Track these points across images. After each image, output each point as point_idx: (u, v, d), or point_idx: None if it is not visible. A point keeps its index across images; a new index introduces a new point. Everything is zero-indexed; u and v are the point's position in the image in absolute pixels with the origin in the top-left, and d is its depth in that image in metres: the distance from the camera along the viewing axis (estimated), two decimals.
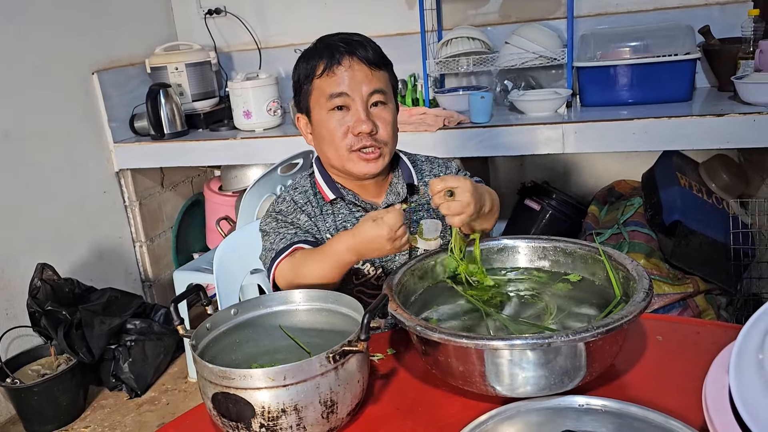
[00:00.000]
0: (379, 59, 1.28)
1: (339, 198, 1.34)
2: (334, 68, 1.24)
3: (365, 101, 1.26)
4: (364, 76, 1.25)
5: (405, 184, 1.36)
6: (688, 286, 2.19)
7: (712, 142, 2.17)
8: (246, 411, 0.86)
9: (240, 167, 3.03)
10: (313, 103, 1.29)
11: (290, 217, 1.33)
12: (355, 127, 1.25)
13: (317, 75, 1.26)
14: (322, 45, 1.29)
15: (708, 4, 2.60)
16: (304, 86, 1.30)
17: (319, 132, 1.30)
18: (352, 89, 1.25)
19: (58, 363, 2.49)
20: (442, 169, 1.44)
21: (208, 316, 1.05)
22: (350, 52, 1.25)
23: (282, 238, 1.29)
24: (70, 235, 2.76)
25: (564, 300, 1.09)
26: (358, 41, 1.28)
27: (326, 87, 1.25)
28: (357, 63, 1.25)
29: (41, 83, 2.63)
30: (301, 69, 1.31)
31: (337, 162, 1.30)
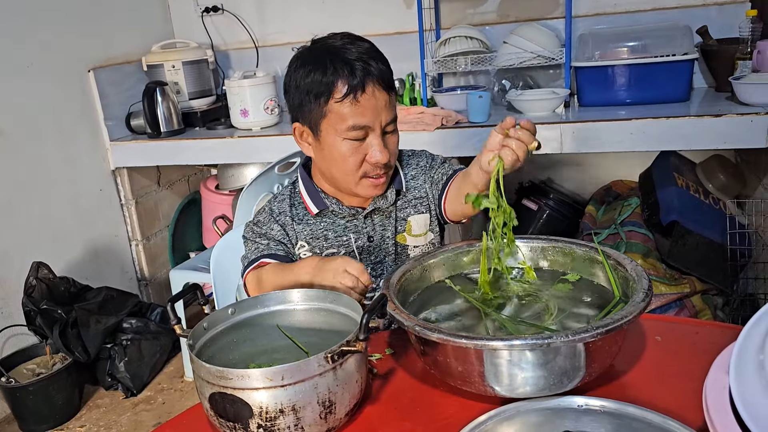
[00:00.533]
0: (391, 77, 1.24)
1: (322, 210, 1.33)
2: (358, 95, 1.17)
3: (382, 130, 1.23)
4: (384, 103, 1.21)
5: (395, 191, 1.35)
6: (685, 286, 2.20)
7: (709, 142, 2.17)
8: (243, 411, 0.86)
9: (237, 166, 3.02)
10: (325, 125, 1.22)
11: (264, 228, 1.34)
12: (371, 157, 1.22)
13: (336, 98, 1.18)
14: (336, 57, 1.19)
15: (706, 4, 2.61)
16: (314, 103, 1.21)
17: (329, 153, 1.25)
18: (373, 120, 1.20)
19: (54, 362, 2.48)
20: (429, 160, 1.42)
21: (205, 315, 1.04)
22: (370, 73, 1.18)
23: (255, 248, 1.33)
24: (66, 234, 2.75)
25: (563, 300, 1.09)
26: (373, 56, 1.21)
27: (348, 115, 1.19)
28: (378, 89, 1.19)
29: (37, 80, 2.62)
30: (311, 82, 1.20)
31: (344, 184, 1.28)
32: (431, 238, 1.40)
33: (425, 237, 1.39)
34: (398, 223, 1.37)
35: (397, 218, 1.37)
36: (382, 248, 1.37)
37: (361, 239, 1.35)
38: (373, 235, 1.36)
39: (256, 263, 1.30)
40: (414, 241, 1.38)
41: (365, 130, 1.21)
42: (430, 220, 1.39)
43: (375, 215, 1.35)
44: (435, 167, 1.40)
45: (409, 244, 1.38)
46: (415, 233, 1.38)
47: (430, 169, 1.40)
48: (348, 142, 1.22)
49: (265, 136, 2.75)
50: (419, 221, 1.38)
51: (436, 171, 1.39)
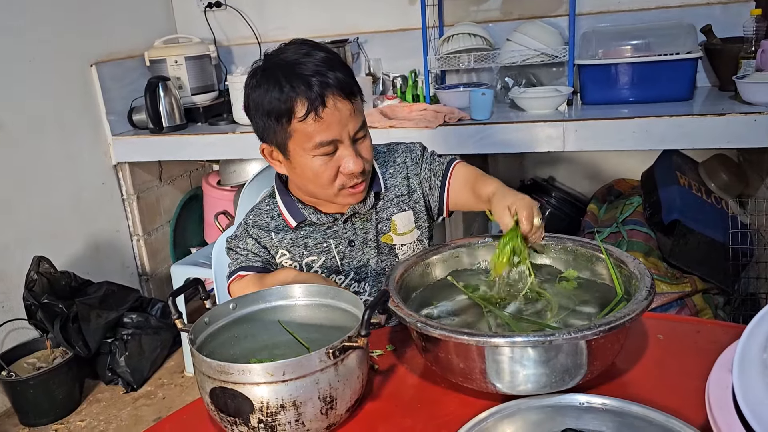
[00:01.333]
0: (353, 83, 1.18)
1: (300, 223, 1.32)
2: (319, 111, 1.13)
3: (352, 139, 1.19)
4: (349, 113, 1.16)
5: (373, 193, 1.32)
6: (686, 285, 2.19)
7: (712, 141, 2.16)
8: (244, 406, 0.86)
9: (239, 162, 3.02)
10: (292, 145, 1.19)
11: (240, 243, 1.36)
12: (346, 168, 1.19)
13: (298, 117, 1.14)
14: (291, 74, 1.13)
15: (710, 3, 2.60)
16: (277, 125, 1.17)
17: (301, 171, 1.22)
18: (340, 133, 1.16)
19: (54, 356, 2.48)
20: (406, 154, 1.38)
21: (206, 310, 1.04)
22: (328, 85, 1.13)
23: (234, 260, 1.36)
24: (67, 228, 2.75)
25: (565, 298, 1.09)
26: (330, 66, 1.15)
27: (314, 133, 1.15)
28: (339, 100, 1.14)
29: (39, 75, 2.61)
30: (270, 102, 1.15)
31: (324, 197, 1.27)
32: (418, 235, 1.38)
33: (411, 234, 1.37)
34: (381, 224, 1.35)
35: (379, 220, 1.34)
36: (364, 252, 1.35)
37: (342, 244, 1.34)
38: (354, 239, 1.34)
39: (234, 275, 1.34)
40: (401, 239, 1.36)
41: (334, 144, 1.17)
42: (415, 216, 1.36)
43: (355, 219, 1.33)
44: (418, 162, 1.37)
45: (396, 243, 1.36)
46: (400, 231, 1.36)
47: (413, 164, 1.37)
48: (318, 158, 1.18)
49: None
50: (403, 219, 1.35)
51: (421, 167, 1.36)
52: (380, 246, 1.36)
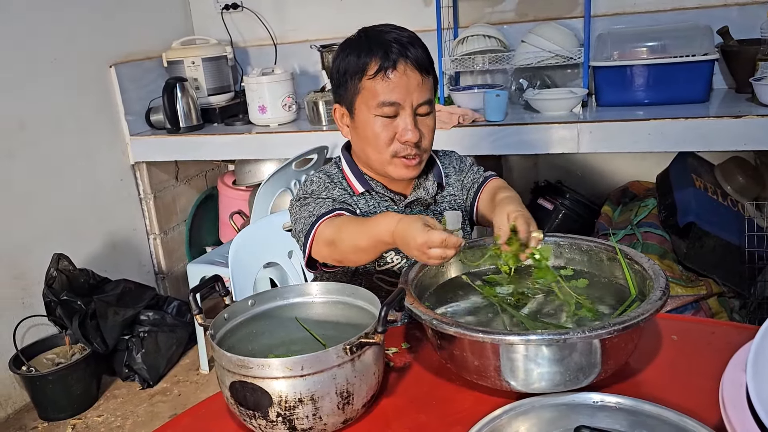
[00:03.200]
0: (428, 62, 1.26)
1: (368, 191, 1.34)
2: (389, 72, 1.21)
3: (414, 109, 1.24)
4: (417, 84, 1.23)
5: (435, 182, 1.37)
6: (701, 288, 2.18)
7: (728, 143, 2.15)
8: (263, 400, 0.87)
9: (254, 162, 3.04)
10: (359, 102, 1.26)
11: (324, 193, 1.30)
12: (402, 135, 1.24)
13: (369, 75, 1.22)
14: (374, 39, 1.24)
15: (727, 4, 2.58)
16: (350, 82, 1.25)
17: (363, 131, 1.27)
18: (404, 98, 1.22)
19: (73, 352, 2.52)
20: (459, 161, 1.46)
21: (222, 308, 1.06)
22: (404, 54, 1.21)
23: (322, 205, 1.25)
24: (85, 226, 2.79)
25: (580, 298, 1.09)
26: (410, 41, 1.24)
27: (379, 92, 1.22)
28: (411, 69, 1.22)
29: (59, 75, 2.66)
30: (349, 62, 1.25)
31: (377, 164, 1.29)
32: (462, 236, 1.40)
33: (458, 233, 1.39)
34: (435, 216, 1.38)
35: (434, 211, 1.38)
36: None
37: None
38: None
39: (332, 214, 1.21)
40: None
41: (395, 108, 1.23)
42: (463, 217, 1.40)
43: (415, 206, 1.37)
44: (465, 170, 1.44)
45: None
46: (449, 228, 1.37)
47: (460, 171, 1.44)
48: (379, 119, 1.24)
49: (283, 133, 2.77)
50: (454, 217, 1.37)
51: (466, 175, 1.43)
52: None
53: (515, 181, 3.19)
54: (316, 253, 1.22)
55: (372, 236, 1.10)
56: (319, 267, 1.29)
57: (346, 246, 1.15)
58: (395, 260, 1.34)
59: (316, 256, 1.23)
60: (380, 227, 1.09)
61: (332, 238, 1.17)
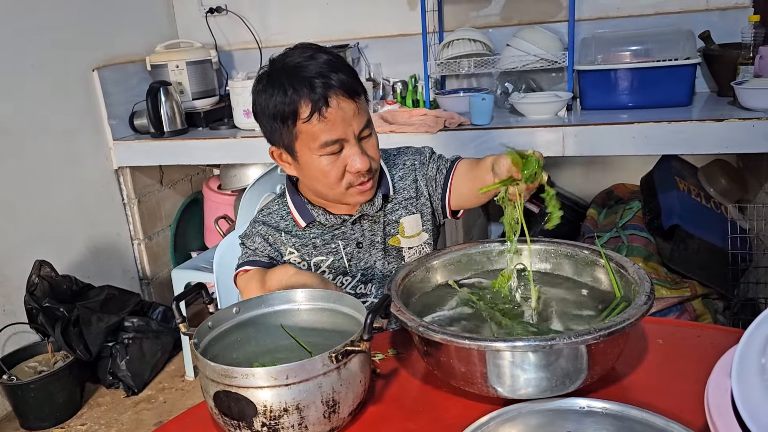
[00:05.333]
0: (356, 82, 1.20)
1: (310, 223, 1.34)
2: (323, 112, 1.15)
3: (357, 137, 1.21)
4: (353, 113, 1.19)
5: (380, 196, 1.34)
6: (686, 290, 2.20)
7: (711, 146, 2.17)
8: (248, 410, 0.86)
9: (239, 166, 3.03)
10: (298, 146, 1.21)
11: (249, 240, 1.37)
12: (352, 167, 1.21)
13: (302, 118, 1.17)
14: (295, 78, 1.16)
15: (709, 9, 2.61)
16: (283, 126, 1.20)
17: (308, 171, 1.25)
18: (345, 132, 1.18)
19: (55, 360, 2.48)
20: (415, 156, 1.40)
21: (207, 314, 1.05)
22: (331, 86, 1.15)
23: (243, 254, 1.38)
24: (69, 232, 2.76)
25: (565, 302, 1.09)
26: (331, 68, 1.17)
27: (318, 133, 1.17)
28: (343, 100, 1.17)
29: (41, 79, 2.62)
30: (275, 105, 1.18)
31: (332, 197, 1.28)
32: (425, 238, 1.39)
33: (419, 237, 1.38)
34: (389, 226, 1.36)
35: (386, 222, 1.36)
36: (371, 253, 1.36)
37: (350, 245, 1.35)
38: (361, 241, 1.35)
39: (240, 269, 1.35)
40: (408, 242, 1.37)
41: (339, 143, 1.20)
42: (423, 219, 1.38)
43: (363, 221, 1.35)
44: (426, 163, 1.39)
45: (404, 246, 1.38)
46: (408, 234, 1.37)
47: (421, 166, 1.39)
48: (325, 157, 1.21)
49: None
50: (411, 222, 1.37)
51: (428, 167, 1.38)
52: (387, 248, 1.37)
53: None
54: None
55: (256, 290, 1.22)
56: None
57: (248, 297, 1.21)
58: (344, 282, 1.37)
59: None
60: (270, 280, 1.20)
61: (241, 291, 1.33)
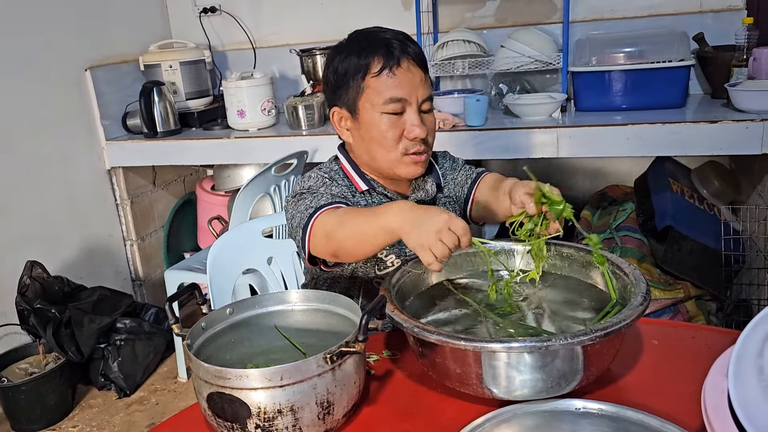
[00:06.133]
0: (425, 60, 1.26)
1: (370, 189, 1.32)
2: (393, 69, 1.20)
3: (419, 105, 1.24)
4: (420, 80, 1.23)
5: (434, 184, 1.38)
6: (679, 291, 2.21)
7: (704, 148, 2.18)
8: (242, 411, 0.86)
9: (233, 167, 3.01)
10: (363, 102, 1.24)
11: (322, 188, 1.26)
12: (410, 132, 1.23)
13: (373, 73, 1.21)
14: (372, 40, 1.23)
15: (702, 11, 2.62)
16: (352, 82, 1.23)
17: (368, 132, 1.25)
18: (410, 94, 1.22)
19: (47, 361, 2.46)
20: (451, 161, 1.47)
21: (199, 315, 1.04)
22: (406, 51, 1.22)
23: (320, 199, 1.20)
24: (60, 233, 2.74)
25: (560, 303, 1.09)
26: (407, 39, 1.24)
27: (384, 89, 1.21)
28: (413, 65, 1.22)
29: (33, 79, 2.60)
30: (348, 63, 1.23)
31: (385, 164, 1.27)
32: None
33: None
34: None
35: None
36: None
37: None
38: None
39: (331, 206, 1.17)
40: None
41: (402, 104, 1.22)
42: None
43: None
44: (457, 169, 1.45)
45: None
46: None
47: (452, 170, 1.45)
48: (386, 116, 1.23)
49: (262, 137, 2.75)
50: None
51: (458, 173, 1.44)
52: None
53: None
54: (313, 246, 1.16)
55: (376, 221, 1.05)
56: (320, 263, 1.24)
57: (343, 234, 1.09)
58: (395, 263, 1.32)
59: (313, 250, 1.17)
60: (389, 212, 1.04)
61: (330, 228, 1.11)
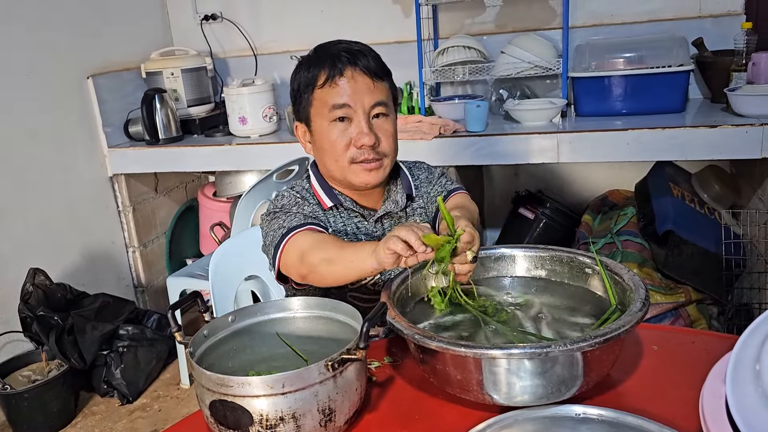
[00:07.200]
0: (380, 70, 1.28)
1: (337, 205, 1.34)
2: (336, 79, 1.23)
3: (367, 113, 1.25)
4: (366, 87, 1.24)
5: (404, 194, 1.37)
6: (681, 295, 2.21)
7: (704, 152, 2.19)
8: (244, 419, 0.86)
9: (235, 173, 3.02)
10: (313, 114, 1.28)
11: (294, 208, 1.29)
12: (357, 140, 1.25)
13: (318, 85, 1.25)
14: (323, 53, 1.27)
15: (702, 16, 2.63)
16: (304, 95, 1.28)
17: (320, 143, 1.29)
18: (354, 101, 1.24)
19: (50, 369, 2.47)
20: (427, 173, 1.46)
21: (202, 322, 1.04)
22: (352, 62, 1.24)
23: (293, 219, 1.25)
24: (63, 240, 2.75)
25: (559, 309, 1.10)
26: (359, 50, 1.27)
27: (328, 98, 1.24)
28: (359, 74, 1.24)
29: (36, 87, 2.62)
30: (301, 77, 1.29)
31: (338, 173, 1.30)
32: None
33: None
34: None
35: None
36: None
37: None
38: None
39: (304, 228, 1.21)
40: None
41: (346, 110, 1.24)
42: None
43: (385, 220, 1.37)
44: (433, 182, 1.44)
45: None
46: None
47: (428, 183, 1.44)
48: (334, 126, 1.25)
49: (264, 144, 2.76)
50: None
51: (433, 186, 1.43)
52: None
53: (496, 190, 3.21)
54: (284, 266, 1.22)
55: (354, 252, 1.09)
56: (290, 281, 1.28)
57: (318, 260, 1.13)
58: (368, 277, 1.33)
59: (283, 269, 1.23)
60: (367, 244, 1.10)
61: (305, 251, 1.16)
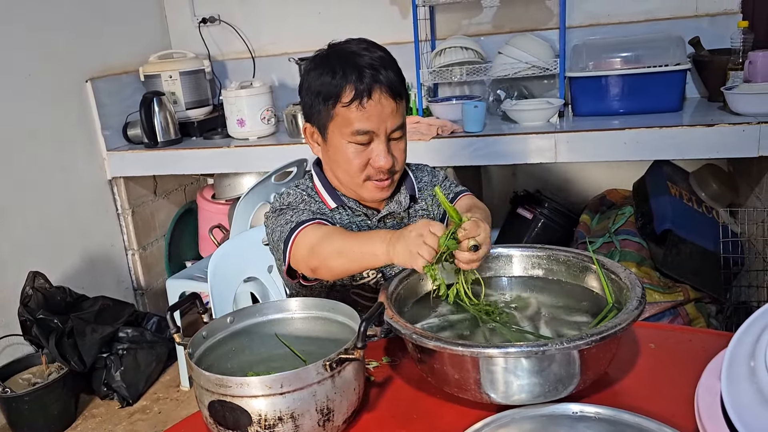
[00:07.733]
0: (401, 85, 1.25)
1: (340, 206, 1.34)
2: (364, 101, 1.19)
3: (387, 136, 1.24)
4: (391, 111, 1.22)
5: (408, 195, 1.38)
6: (679, 294, 2.21)
7: (702, 151, 2.19)
8: (243, 419, 0.87)
9: (233, 175, 3.03)
10: (332, 128, 1.24)
11: (302, 205, 1.30)
12: (375, 162, 1.24)
13: (343, 102, 1.20)
14: (347, 64, 1.21)
15: (698, 15, 2.64)
16: (323, 105, 1.23)
17: (334, 155, 1.27)
18: (378, 127, 1.22)
19: (50, 371, 2.47)
20: (431, 176, 1.46)
21: (201, 324, 1.05)
22: (378, 81, 1.19)
23: (301, 215, 1.25)
24: (62, 243, 2.75)
25: (556, 308, 1.10)
26: (383, 64, 1.22)
27: (353, 120, 1.20)
28: (385, 96, 1.20)
29: (35, 90, 2.62)
30: (322, 84, 1.22)
31: (349, 185, 1.29)
32: None
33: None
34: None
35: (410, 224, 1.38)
36: None
37: None
38: None
39: (314, 221, 1.22)
40: None
41: (369, 135, 1.22)
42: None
43: (388, 220, 1.37)
44: (437, 185, 1.44)
45: None
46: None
47: (431, 186, 1.44)
48: (353, 145, 1.24)
49: (262, 146, 2.77)
50: None
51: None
52: None
53: (494, 191, 3.21)
54: (294, 260, 1.21)
55: (363, 243, 1.10)
56: (299, 277, 1.27)
57: (329, 251, 1.13)
58: (371, 275, 1.34)
59: (293, 263, 1.22)
60: (375, 236, 1.09)
61: (314, 243, 1.16)
